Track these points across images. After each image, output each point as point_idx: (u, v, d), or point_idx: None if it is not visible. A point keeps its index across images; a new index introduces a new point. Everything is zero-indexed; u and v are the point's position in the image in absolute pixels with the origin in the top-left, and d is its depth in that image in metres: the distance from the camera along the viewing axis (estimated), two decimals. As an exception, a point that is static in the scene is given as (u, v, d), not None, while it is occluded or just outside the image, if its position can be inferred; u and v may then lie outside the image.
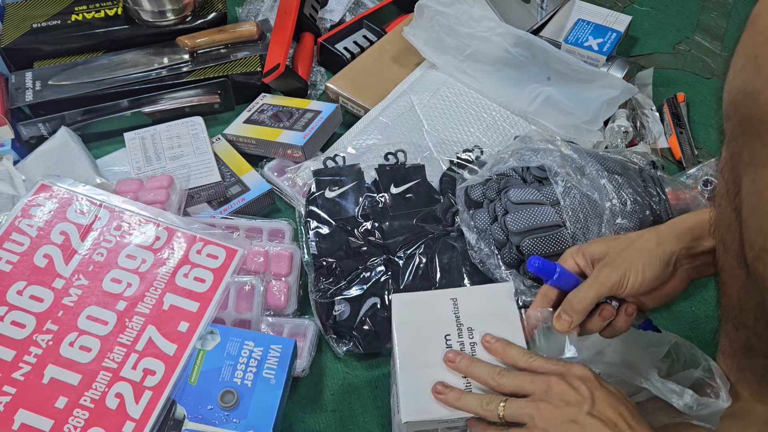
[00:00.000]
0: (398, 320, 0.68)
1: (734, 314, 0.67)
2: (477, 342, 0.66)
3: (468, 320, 0.68)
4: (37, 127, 1.04)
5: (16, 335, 0.73)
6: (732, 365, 0.72)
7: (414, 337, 0.67)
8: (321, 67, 1.19)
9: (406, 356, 0.66)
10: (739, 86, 0.51)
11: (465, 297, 0.70)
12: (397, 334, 0.68)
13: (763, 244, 0.51)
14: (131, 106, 1.06)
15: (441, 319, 0.68)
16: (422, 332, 0.67)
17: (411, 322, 0.68)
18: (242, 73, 1.11)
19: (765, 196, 0.50)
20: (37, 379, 0.70)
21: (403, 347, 0.67)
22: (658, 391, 0.67)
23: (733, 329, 0.68)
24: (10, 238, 0.80)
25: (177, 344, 0.73)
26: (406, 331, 0.68)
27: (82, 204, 0.84)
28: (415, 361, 0.66)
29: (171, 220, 0.85)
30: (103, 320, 0.74)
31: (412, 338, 0.67)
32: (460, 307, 0.69)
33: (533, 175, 0.88)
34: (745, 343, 0.67)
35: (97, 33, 1.14)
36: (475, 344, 0.66)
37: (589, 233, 0.81)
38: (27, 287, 0.76)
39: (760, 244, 0.52)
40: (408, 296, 0.73)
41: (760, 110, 0.48)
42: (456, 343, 0.66)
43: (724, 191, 0.60)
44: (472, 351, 0.65)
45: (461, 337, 0.67)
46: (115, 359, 0.72)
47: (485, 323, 0.68)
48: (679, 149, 1.05)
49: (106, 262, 0.79)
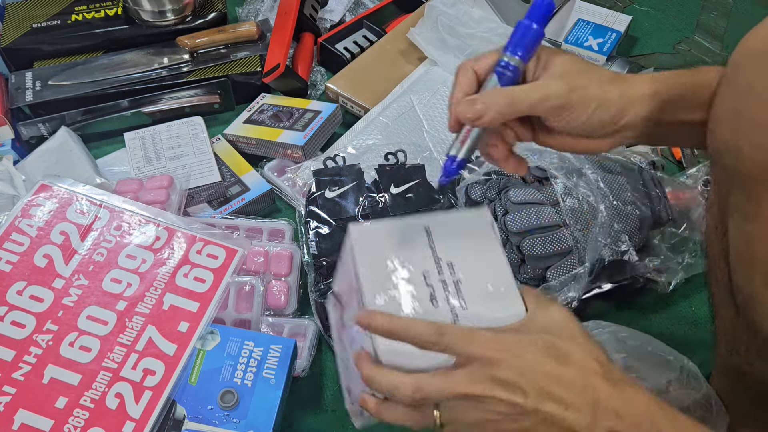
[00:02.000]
0: (362, 258, 0.56)
1: (727, 338, 0.66)
2: (461, 280, 0.56)
3: (446, 254, 0.57)
4: (37, 127, 1.04)
5: (16, 335, 0.72)
6: (725, 385, 0.72)
7: (385, 280, 0.55)
8: (321, 67, 1.19)
9: (377, 306, 0.54)
10: (721, 139, 0.50)
11: (439, 226, 0.59)
12: (363, 279, 0.55)
13: (752, 292, 0.51)
14: (131, 106, 1.06)
15: (414, 255, 0.57)
16: (395, 272, 0.56)
17: (378, 260, 0.56)
18: (242, 73, 1.11)
19: (751, 247, 0.50)
20: (37, 379, 0.70)
21: (372, 295, 0.54)
22: None
23: (726, 353, 0.67)
24: (10, 238, 0.80)
25: (177, 344, 0.73)
26: (374, 273, 0.56)
27: (82, 204, 0.84)
28: (391, 310, 0.54)
29: (171, 220, 0.85)
30: (103, 320, 0.74)
31: (383, 281, 0.55)
32: (435, 238, 0.58)
33: (533, 175, 0.88)
34: (737, 368, 0.67)
35: (97, 33, 1.14)
36: (459, 283, 0.55)
37: (589, 233, 0.81)
38: (27, 287, 0.76)
39: (747, 291, 0.51)
40: (370, 226, 0.59)
41: (743, 167, 0.47)
42: (437, 282, 0.55)
43: (713, 227, 0.59)
44: (456, 291, 0.55)
45: (441, 274, 0.56)
46: (115, 359, 0.72)
47: (466, 256, 0.57)
48: (679, 149, 1.05)
49: (106, 262, 0.79)
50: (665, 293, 0.87)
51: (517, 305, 0.55)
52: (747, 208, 0.49)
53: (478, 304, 0.55)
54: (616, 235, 0.81)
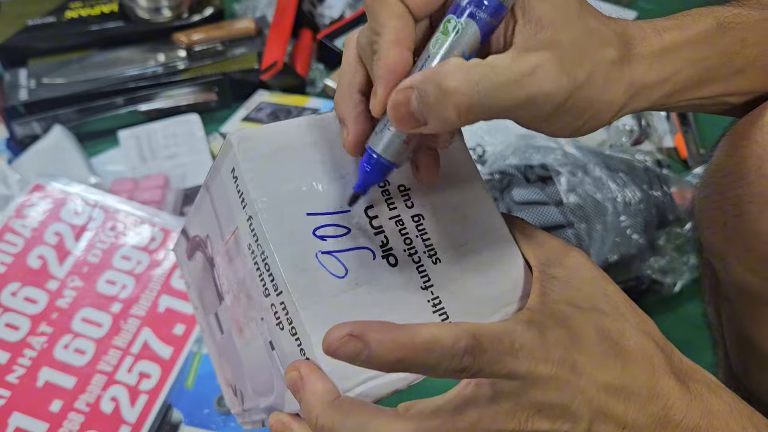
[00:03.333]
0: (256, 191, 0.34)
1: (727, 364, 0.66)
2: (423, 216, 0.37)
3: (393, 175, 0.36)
4: (32, 125, 1.02)
5: (9, 337, 0.72)
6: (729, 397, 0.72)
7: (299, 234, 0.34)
8: (320, 64, 1.18)
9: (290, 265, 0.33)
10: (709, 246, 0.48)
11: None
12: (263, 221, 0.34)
13: (747, 385, 0.51)
14: (126, 104, 1.05)
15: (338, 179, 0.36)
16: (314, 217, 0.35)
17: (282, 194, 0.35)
18: (239, 70, 1.10)
19: None
20: (31, 382, 0.69)
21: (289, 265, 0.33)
22: None
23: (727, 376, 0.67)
24: (3, 238, 0.79)
25: (173, 347, 0.73)
26: (281, 220, 0.34)
27: (76, 204, 0.83)
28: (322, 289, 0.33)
29: (167, 221, 0.83)
30: (98, 322, 0.74)
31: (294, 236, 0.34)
32: None
33: (536, 174, 0.87)
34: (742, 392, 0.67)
35: (92, 30, 1.13)
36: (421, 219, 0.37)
37: (593, 233, 0.80)
38: (21, 288, 0.75)
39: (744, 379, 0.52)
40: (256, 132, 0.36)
41: None
42: (387, 221, 0.36)
43: None
44: (419, 235, 0.36)
45: (393, 206, 0.37)
46: (110, 362, 0.71)
47: None
48: (685, 148, 1.04)
49: (100, 263, 0.78)
50: (671, 294, 0.86)
51: (514, 255, 0.38)
52: None
53: (457, 257, 0.36)
54: (622, 234, 0.80)
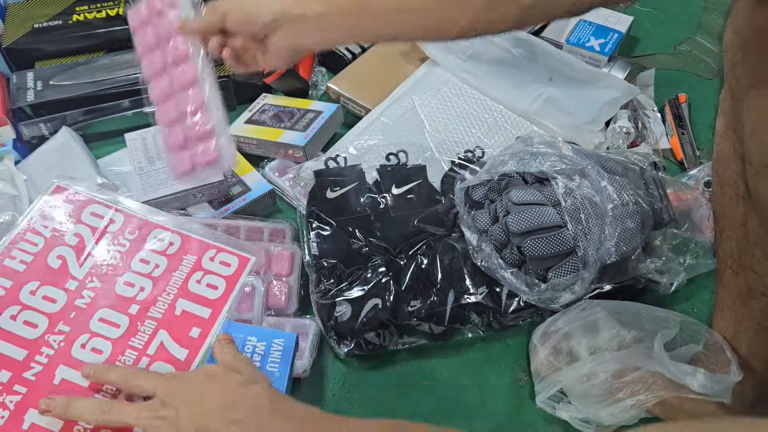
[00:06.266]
0: None
1: (733, 258, 0.68)
2: None
3: None
4: (39, 127, 1.04)
5: (28, 335, 0.72)
6: (731, 318, 0.73)
7: None
8: (322, 68, 1.19)
9: None
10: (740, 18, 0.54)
11: None
12: None
13: (764, 159, 0.54)
14: (132, 107, 1.06)
15: None
16: None
17: None
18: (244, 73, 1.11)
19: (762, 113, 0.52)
20: (48, 379, 0.70)
21: None
22: (671, 374, 0.68)
23: (732, 276, 0.69)
24: (24, 237, 0.79)
25: (188, 349, 0.73)
26: None
27: (97, 207, 0.84)
28: None
29: (185, 227, 0.84)
30: (115, 323, 0.74)
31: None
32: None
33: (534, 176, 0.88)
34: (744, 286, 0.68)
35: (99, 33, 1.14)
36: None
37: (590, 234, 0.81)
38: (40, 287, 0.76)
39: (759, 159, 0.54)
40: None
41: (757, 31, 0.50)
42: None
43: (722, 129, 0.62)
44: None
45: None
46: (127, 362, 0.71)
47: None
48: (681, 150, 1.06)
49: (119, 265, 0.79)
50: (667, 294, 0.88)
51: None
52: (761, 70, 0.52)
53: None
54: (620, 236, 0.82)
